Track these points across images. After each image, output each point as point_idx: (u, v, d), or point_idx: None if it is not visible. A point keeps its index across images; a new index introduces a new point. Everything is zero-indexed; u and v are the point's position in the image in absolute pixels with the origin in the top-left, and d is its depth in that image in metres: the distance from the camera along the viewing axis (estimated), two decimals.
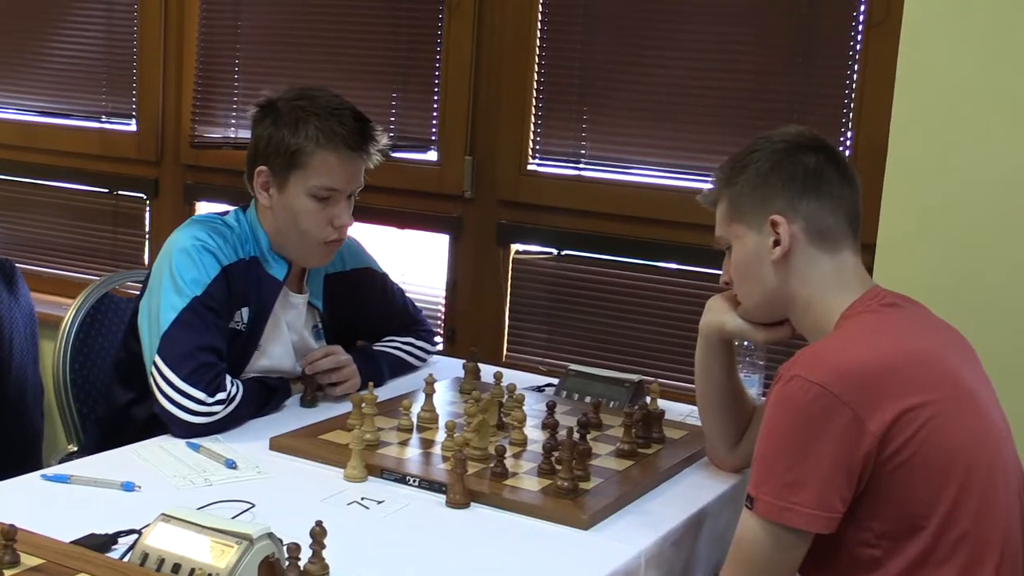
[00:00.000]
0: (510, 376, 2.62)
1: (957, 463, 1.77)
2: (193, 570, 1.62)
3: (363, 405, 2.29)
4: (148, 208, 4.05)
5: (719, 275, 2.16)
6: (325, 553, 1.71)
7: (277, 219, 2.50)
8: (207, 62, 3.88)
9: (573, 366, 2.82)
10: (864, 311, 1.92)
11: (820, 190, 1.97)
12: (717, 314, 2.19)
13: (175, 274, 2.38)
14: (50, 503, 1.97)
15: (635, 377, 2.71)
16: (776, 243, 1.97)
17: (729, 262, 2.09)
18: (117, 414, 2.55)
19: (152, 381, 2.33)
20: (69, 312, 2.80)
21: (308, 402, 2.55)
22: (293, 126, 2.44)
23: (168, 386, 2.29)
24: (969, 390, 1.85)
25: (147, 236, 4.07)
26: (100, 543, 1.76)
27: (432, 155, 3.54)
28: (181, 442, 2.27)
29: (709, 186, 2.12)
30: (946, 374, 1.84)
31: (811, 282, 1.97)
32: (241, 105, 3.80)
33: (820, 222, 1.96)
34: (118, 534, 1.80)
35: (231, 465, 2.16)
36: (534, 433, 2.35)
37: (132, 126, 4.05)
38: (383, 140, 2.54)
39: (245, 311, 2.49)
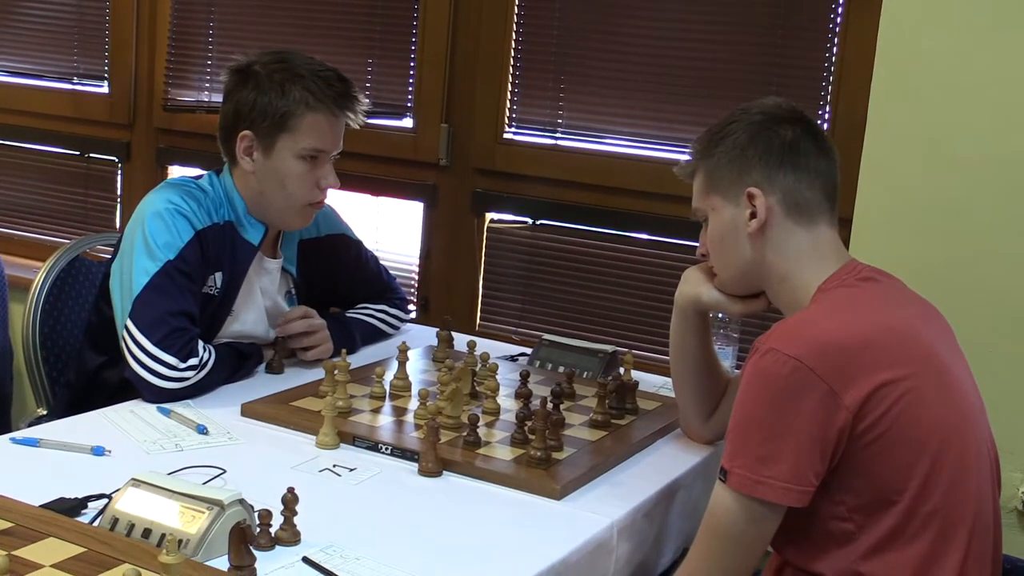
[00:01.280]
0: (483, 345, 2.61)
1: (931, 438, 1.77)
2: (164, 535, 1.61)
3: (336, 372, 2.28)
4: (120, 171, 4.02)
5: (695, 247, 2.15)
6: (296, 520, 1.71)
7: (261, 183, 2.48)
8: (181, 25, 3.84)
9: (547, 336, 2.81)
10: (840, 285, 1.91)
11: (797, 163, 1.96)
12: (693, 285, 2.18)
13: (148, 238, 2.36)
14: (19, 466, 1.95)
15: (609, 348, 2.71)
16: (752, 215, 1.96)
17: (706, 234, 2.08)
18: (87, 378, 2.53)
19: (124, 345, 2.31)
20: (39, 275, 2.77)
21: (275, 368, 2.53)
22: (279, 89, 2.42)
23: (140, 351, 2.27)
24: (944, 365, 1.85)
25: (119, 200, 4.04)
26: (69, 507, 1.75)
27: (408, 122, 3.52)
28: (152, 407, 2.26)
29: (686, 158, 2.11)
30: (921, 349, 1.84)
31: (787, 255, 1.96)
32: (215, 69, 3.77)
33: (797, 195, 1.96)
34: (88, 498, 1.79)
35: (202, 431, 2.15)
36: (507, 402, 2.35)
37: (104, 88, 4.01)
38: (365, 101, 2.54)
39: (218, 276, 2.47)
